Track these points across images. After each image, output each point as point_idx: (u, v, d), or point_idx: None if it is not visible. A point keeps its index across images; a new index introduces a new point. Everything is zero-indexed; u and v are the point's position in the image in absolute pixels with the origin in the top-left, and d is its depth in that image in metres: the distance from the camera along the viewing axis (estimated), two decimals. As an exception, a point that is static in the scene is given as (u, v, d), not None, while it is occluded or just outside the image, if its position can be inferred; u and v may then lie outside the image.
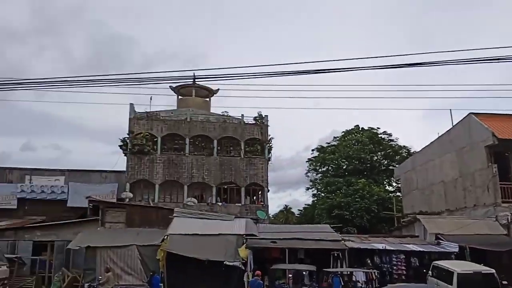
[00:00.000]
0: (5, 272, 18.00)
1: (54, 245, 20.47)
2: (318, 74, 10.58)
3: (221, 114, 31.91)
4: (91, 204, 21.53)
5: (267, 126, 30.74)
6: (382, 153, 42.70)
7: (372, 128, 43.05)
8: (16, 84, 13.56)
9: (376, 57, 10.90)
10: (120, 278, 16.99)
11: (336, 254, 17.58)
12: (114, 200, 25.04)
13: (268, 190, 30.05)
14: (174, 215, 20.21)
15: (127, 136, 28.88)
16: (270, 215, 36.82)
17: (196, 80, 12.99)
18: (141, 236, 18.73)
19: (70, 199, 26.73)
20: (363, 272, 17.08)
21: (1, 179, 27.57)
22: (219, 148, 29.84)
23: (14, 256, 19.79)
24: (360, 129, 43.90)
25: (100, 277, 16.22)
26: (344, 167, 42.02)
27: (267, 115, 31.00)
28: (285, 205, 54.79)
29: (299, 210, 52.05)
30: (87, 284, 16.40)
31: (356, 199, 34.32)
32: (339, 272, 16.70)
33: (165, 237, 17.66)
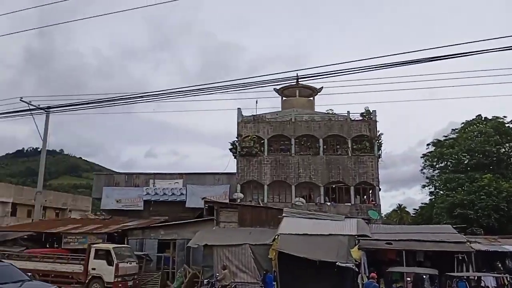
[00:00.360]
0: (135, 268, 20.05)
1: (176, 243, 22.22)
2: (433, 61, 9.81)
3: (326, 112, 31.46)
4: (207, 205, 22.83)
5: (376, 121, 29.47)
6: (511, 144, 38.04)
7: (498, 117, 38.61)
8: (138, 97, 15.05)
9: (500, 37, 9.75)
10: (235, 276, 17.70)
11: (460, 257, 16.11)
12: (227, 201, 26.25)
13: (380, 189, 28.76)
14: (284, 214, 20.45)
15: (236, 139, 30.12)
16: (383, 215, 35.22)
17: (299, 80, 13.01)
18: (253, 235, 19.32)
19: (188, 200, 28.74)
20: (494, 277, 15.38)
21: (130, 184, 30.76)
22: (325, 147, 29.46)
23: (142, 253, 21.91)
24: (483, 119, 39.77)
25: (217, 274, 17.10)
26: (465, 162, 38.39)
27: (375, 110, 29.75)
28: (399, 204, 52.32)
29: (414, 209, 49.23)
30: (206, 280, 17.40)
31: (482, 197, 31.04)
32: (465, 277, 15.25)
33: (276, 236, 17.94)
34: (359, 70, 11.14)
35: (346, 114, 30.23)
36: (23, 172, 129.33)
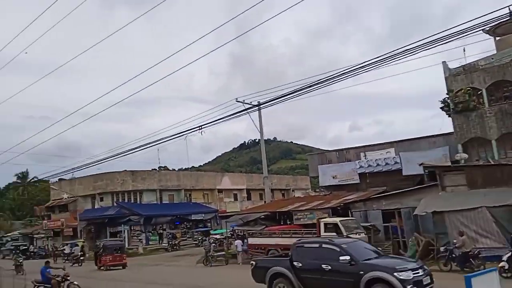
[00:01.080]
0: (364, 239, 20.64)
1: (400, 212, 21.92)
2: None
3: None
4: (427, 171, 21.72)
5: None
6: None
7: None
8: (336, 77, 15.43)
9: None
10: (476, 241, 16.40)
11: None
12: (449, 164, 24.37)
13: None
14: (525, 170, 17.78)
15: (447, 96, 27.53)
16: None
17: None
18: (489, 197, 17.46)
19: (404, 168, 27.87)
20: None
21: (342, 159, 31.76)
22: None
23: (368, 224, 22.43)
24: None
25: (454, 241, 16.16)
26: None
27: None
28: None
29: None
30: (442, 247, 16.65)
31: None
32: None
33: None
34: None
35: None
36: (248, 161, 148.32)
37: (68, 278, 16.01)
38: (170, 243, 39.09)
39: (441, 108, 28.41)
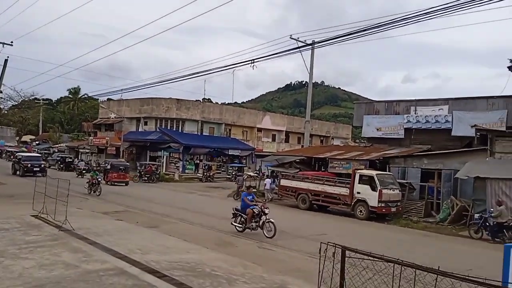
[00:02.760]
0: (398, 195, 20.60)
1: (441, 173, 21.45)
2: None
3: None
4: (478, 133, 20.81)
5: None
6: None
7: None
8: (398, 21, 14.60)
9: None
10: (514, 213, 15.97)
11: None
12: (504, 129, 23.14)
13: None
14: None
15: (517, 54, 25.50)
16: None
17: None
18: (540, 169, 16.69)
19: (454, 128, 26.73)
20: None
21: (390, 112, 30.79)
22: None
23: (405, 181, 22.19)
24: None
25: (491, 210, 15.81)
26: None
27: None
28: None
29: None
30: (477, 214, 16.37)
31: None
32: None
33: None
34: None
35: None
36: (292, 103, 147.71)
37: (267, 212, 13.83)
38: (205, 174, 40.64)
39: (508, 67, 26.49)
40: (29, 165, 34.88)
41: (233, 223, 14.38)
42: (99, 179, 25.58)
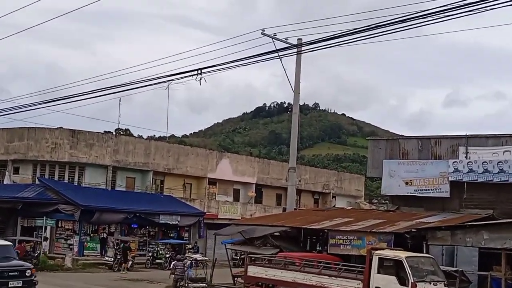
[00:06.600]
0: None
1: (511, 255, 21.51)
2: None
3: None
4: None
5: None
6: None
7: None
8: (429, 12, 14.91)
9: None
10: None
11: None
12: None
13: None
14: None
15: None
16: None
17: None
18: None
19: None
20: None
21: (426, 154, 30.99)
22: None
23: (453, 269, 22.10)
24: None
25: None
26: None
27: None
28: None
29: None
30: None
31: None
32: None
33: None
34: None
35: None
36: (266, 138, 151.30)
37: None
38: (119, 257, 39.43)
39: None
40: None
41: None
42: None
